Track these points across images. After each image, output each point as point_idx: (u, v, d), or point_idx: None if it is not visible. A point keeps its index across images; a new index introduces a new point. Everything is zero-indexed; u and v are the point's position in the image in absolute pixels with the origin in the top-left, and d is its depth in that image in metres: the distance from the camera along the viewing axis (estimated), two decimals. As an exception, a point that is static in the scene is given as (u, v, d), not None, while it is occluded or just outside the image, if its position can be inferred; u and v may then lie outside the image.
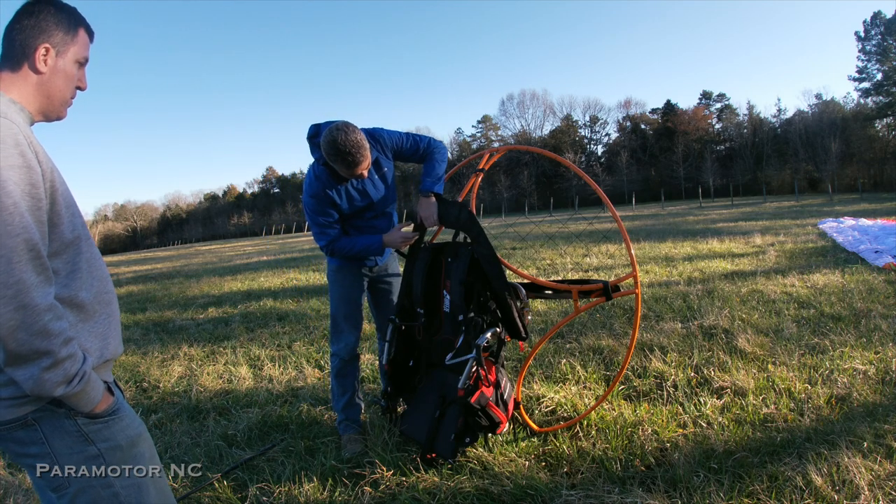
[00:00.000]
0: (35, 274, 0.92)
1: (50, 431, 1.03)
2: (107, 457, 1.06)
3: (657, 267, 6.93)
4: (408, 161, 2.43)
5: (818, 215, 15.01)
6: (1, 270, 0.88)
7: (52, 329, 0.93)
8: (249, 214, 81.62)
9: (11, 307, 0.88)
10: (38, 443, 1.02)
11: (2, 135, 0.94)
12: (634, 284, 2.18)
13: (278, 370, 3.69)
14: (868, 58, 48.23)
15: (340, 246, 2.34)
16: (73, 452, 1.04)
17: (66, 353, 0.96)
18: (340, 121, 2.11)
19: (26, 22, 1.08)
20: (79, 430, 1.04)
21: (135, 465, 1.10)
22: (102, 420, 1.07)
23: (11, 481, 2.37)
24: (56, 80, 1.12)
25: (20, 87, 1.09)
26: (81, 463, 1.04)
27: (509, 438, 2.35)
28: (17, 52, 1.07)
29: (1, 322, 0.88)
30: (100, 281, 1.12)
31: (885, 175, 44.50)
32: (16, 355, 0.91)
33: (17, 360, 0.92)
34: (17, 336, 0.90)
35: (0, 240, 0.89)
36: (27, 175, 0.95)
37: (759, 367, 2.99)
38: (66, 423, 1.04)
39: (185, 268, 15.90)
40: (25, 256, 0.91)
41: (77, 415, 1.04)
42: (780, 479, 1.88)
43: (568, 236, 12.65)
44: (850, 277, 5.22)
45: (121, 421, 1.10)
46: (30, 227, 0.93)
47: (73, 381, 0.98)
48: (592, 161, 63.04)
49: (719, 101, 61.31)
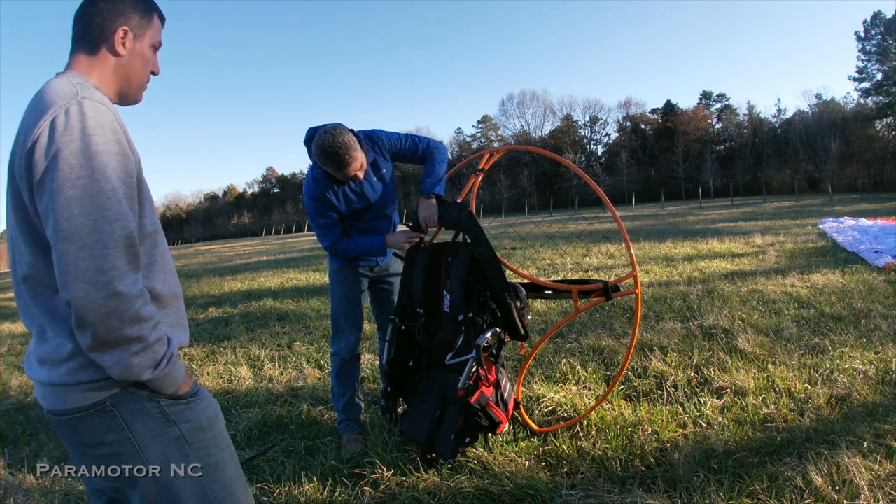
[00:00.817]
0: (127, 262, 0.91)
1: (130, 416, 1.00)
2: (188, 437, 1.05)
3: (657, 267, 6.93)
4: (407, 162, 2.43)
5: (818, 215, 15.00)
6: (96, 256, 0.87)
7: (143, 314, 0.92)
8: (249, 214, 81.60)
9: (104, 294, 0.87)
10: (117, 429, 0.99)
11: (100, 120, 0.93)
12: (634, 284, 2.18)
13: (278, 370, 3.69)
14: (868, 58, 48.23)
15: (343, 247, 2.34)
16: (155, 435, 1.01)
17: (155, 337, 0.95)
18: (331, 124, 2.12)
19: (102, 5, 1.06)
20: (161, 411, 1.02)
21: (214, 444, 1.09)
22: (185, 401, 1.05)
23: (11, 481, 2.37)
24: (135, 62, 1.11)
25: (100, 70, 1.07)
26: (163, 445, 1.02)
27: (509, 438, 2.35)
28: (94, 34, 1.06)
29: (92, 309, 0.87)
30: (171, 275, 1.11)
31: (885, 175, 44.50)
32: (104, 341, 0.90)
33: (104, 346, 0.90)
34: (109, 323, 0.88)
35: (97, 224, 0.88)
36: (123, 163, 0.94)
37: (759, 367, 2.99)
38: (147, 405, 1.01)
39: (185, 268, 15.90)
40: (121, 244, 0.90)
41: (160, 396, 1.02)
42: (780, 479, 1.88)
43: (568, 236, 12.65)
44: (850, 277, 5.22)
45: (202, 402, 1.09)
46: (127, 214, 0.92)
47: (160, 364, 0.97)
48: (592, 161, 63.03)
49: (719, 101, 61.31)
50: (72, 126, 0.89)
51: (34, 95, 0.99)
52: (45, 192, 0.88)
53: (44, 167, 0.88)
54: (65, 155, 0.87)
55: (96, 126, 0.91)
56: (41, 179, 0.89)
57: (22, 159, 0.91)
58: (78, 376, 0.96)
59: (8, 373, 4.46)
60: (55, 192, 0.87)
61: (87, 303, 0.86)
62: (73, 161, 0.88)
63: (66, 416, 0.99)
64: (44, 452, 2.70)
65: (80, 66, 1.06)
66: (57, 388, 0.98)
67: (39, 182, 0.89)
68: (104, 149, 0.91)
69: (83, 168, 0.88)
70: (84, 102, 0.92)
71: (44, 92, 0.96)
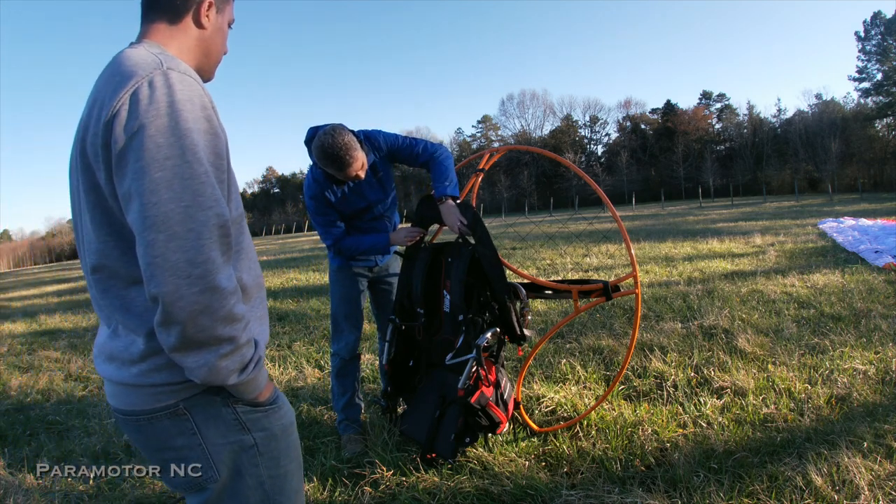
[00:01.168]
0: (221, 253, 0.82)
1: (202, 420, 0.92)
2: (261, 446, 0.96)
3: (657, 267, 6.93)
4: (404, 164, 2.41)
5: (818, 215, 15.00)
6: (189, 247, 0.77)
7: (236, 313, 0.83)
8: (249, 214, 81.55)
9: (197, 289, 0.77)
10: (188, 433, 0.91)
11: (188, 94, 0.82)
12: (634, 284, 2.18)
13: (278, 370, 3.69)
14: (868, 58, 48.24)
15: (346, 245, 2.34)
16: (226, 442, 0.93)
17: (245, 339, 0.86)
18: (331, 124, 2.11)
19: None
20: (236, 417, 0.94)
21: (285, 454, 1.01)
22: (263, 409, 0.97)
23: (11, 481, 2.37)
24: (216, 37, 1.03)
25: (180, 40, 0.97)
26: (234, 453, 0.94)
27: (509, 438, 2.35)
28: (177, 3, 0.95)
29: (183, 305, 0.77)
30: (255, 262, 1.02)
31: (885, 175, 44.50)
32: (191, 341, 0.80)
33: (190, 346, 0.81)
34: (199, 321, 0.79)
35: (190, 212, 0.78)
36: (213, 142, 0.85)
37: (759, 367, 2.99)
38: (222, 410, 0.93)
39: (185, 268, 15.89)
40: (216, 233, 0.81)
41: (237, 402, 0.93)
42: (780, 479, 1.88)
43: (568, 236, 12.65)
44: (850, 277, 5.22)
45: (279, 410, 1.00)
46: (220, 200, 0.82)
47: (247, 368, 0.88)
48: (592, 161, 63.05)
49: (719, 101, 61.32)
50: (157, 99, 0.79)
51: (108, 66, 0.89)
52: (128, 173, 0.78)
53: (124, 144, 0.78)
54: (150, 132, 0.77)
55: (185, 100, 0.81)
56: (122, 158, 0.78)
57: (97, 136, 0.81)
58: (150, 378, 0.89)
59: (8, 373, 4.46)
60: (140, 174, 0.77)
61: (176, 299, 0.77)
62: (161, 139, 0.78)
63: (134, 417, 0.92)
64: (44, 452, 2.70)
65: (159, 36, 0.95)
66: (126, 387, 0.91)
67: (119, 161, 0.79)
68: (194, 126, 0.81)
69: (172, 147, 0.78)
70: (170, 74, 0.82)
71: (120, 62, 0.86)
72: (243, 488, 0.95)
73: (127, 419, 0.93)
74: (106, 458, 2.57)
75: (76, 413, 3.26)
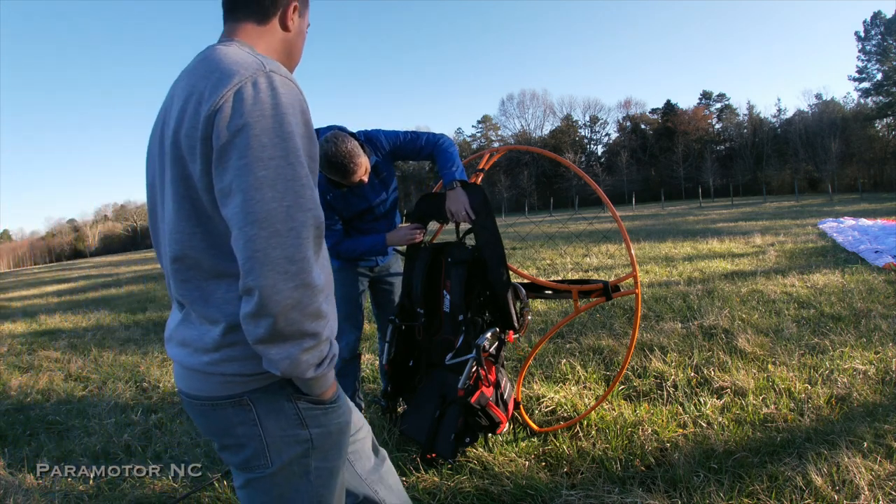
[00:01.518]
0: (315, 252, 0.86)
1: (265, 412, 0.95)
2: (316, 442, 0.99)
3: (657, 267, 6.93)
4: (409, 159, 2.40)
5: (818, 215, 15.00)
6: (289, 245, 0.81)
7: (323, 310, 0.87)
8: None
9: (293, 285, 0.81)
10: (249, 423, 0.95)
11: (290, 98, 0.85)
12: (634, 284, 2.18)
13: (278, 370, 3.68)
14: (868, 58, 48.25)
15: (345, 247, 2.34)
16: (284, 435, 0.97)
17: (326, 335, 0.90)
18: (332, 130, 2.09)
19: None
20: (297, 412, 0.97)
21: (336, 451, 1.04)
22: (323, 407, 1.00)
23: (11, 481, 2.37)
24: (298, 40, 1.07)
25: (267, 41, 1.01)
26: (289, 445, 0.97)
27: (509, 438, 2.35)
28: (266, 4, 0.99)
29: (278, 299, 0.81)
30: (328, 262, 1.04)
31: (885, 175, 44.51)
32: (279, 334, 0.83)
33: (277, 339, 0.84)
34: (290, 315, 0.82)
35: (291, 212, 0.82)
36: (309, 146, 0.88)
37: (759, 367, 2.99)
38: (285, 405, 0.96)
39: (185, 268, 15.89)
40: (312, 234, 0.85)
41: (300, 397, 0.97)
42: (780, 479, 1.88)
43: (568, 236, 12.65)
44: (850, 277, 5.22)
45: (338, 409, 1.04)
46: (318, 203, 0.87)
47: (322, 363, 0.91)
48: (592, 161, 63.07)
49: (719, 101, 61.36)
50: (262, 101, 0.82)
51: (201, 61, 0.91)
52: (229, 169, 0.81)
53: (227, 140, 0.81)
54: (255, 131, 0.81)
55: (287, 103, 0.84)
56: (224, 154, 0.81)
57: (195, 128, 0.83)
58: (221, 368, 0.92)
59: (8, 373, 4.46)
60: (244, 171, 0.80)
61: (273, 292, 0.80)
62: (265, 139, 0.81)
63: (199, 401, 0.96)
64: (44, 452, 2.70)
65: (247, 35, 0.99)
66: (196, 373, 0.94)
67: (221, 156, 0.81)
68: (296, 129, 0.84)
69: (276, 148, 0.81)
70: (273, 76, 0.85)
71: (218, 58, 0.89)
72: (291, 477, 0.99)
73: (192, 402, 0.98)
74: (106, 458, 2.57)
75: (76, 413, 3.26)
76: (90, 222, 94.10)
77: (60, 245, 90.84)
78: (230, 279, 0.90)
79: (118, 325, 6.36)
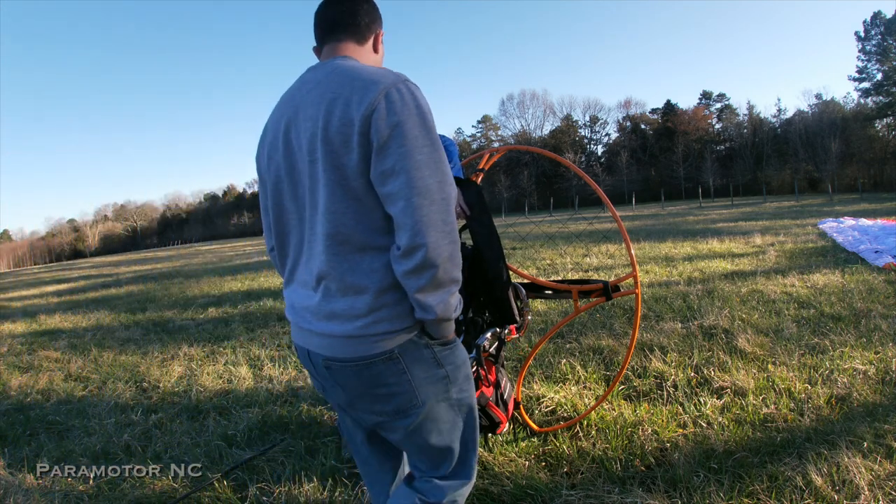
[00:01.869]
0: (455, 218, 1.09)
1: (410, 361, 1.13)
2: (451, 376, 1.19)
3: (657, 267, 6.93)
4: None
5: (818, 215, 15.00)
6: (443, 210, 1.03)
7: (460, 262, 1.08)
8: (249, 214, 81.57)
9: (448, 241, 1.03)
10: (399, 373, 1.12)
11: (425, 102, 1.08)
12: (634, 284, 2.18)
13: (278, 370, 3.69)
14: (868, 58, 48.24)
15: None
16: (427, 376, 1.15)
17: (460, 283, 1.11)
18: None
19: (367, 6, 1.23)
20: (433, 356, 1.16)
21: (467, 383, 1.24)
22: (450, 346, 1.20)
23: (11, 481, 2.37)
24: (381, 63, 1.27)
25: (364, 59, 1.22)
26: (433, 384, 1.16)
27: (509, 438, 2.35)
28: (362, 28, 1.22)
29: (439, 252, 1.02)
30: None
31: (885, 175, 44.50)
32: (439, 282, 1.05)
33: (436, 287, 1.05)
34: (447, 266, 1.04)
35: (441, 186, 1.03)
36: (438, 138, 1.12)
37: (759, 367, 2.99)
38: (424, 351, 1.15)
39: (185, 268, 15.90)
40: (452, 203, 1.06)
41: (432, 343, 1.16)
42: (780, 479, 1.88)
43: (568, 236, 12.65)
44: (850, 277, 5.22)
45: (460, 346, 1.24)
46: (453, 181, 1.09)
47: (457, 306, 1.13)
48: (592, 161, 63.06)
49: (719, 101, 61.35)
50: (407, 102, 1.03)
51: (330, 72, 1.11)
52: (391, 155, 1.01)
53: (388, 134, 1.01)
54: (408, 126, 1.02)
55: (423, 105, 1.06)
56: (386, 144, 1.01)
57: (347, 126, 1.03)
58: (373, 329, 1.09)
59: (8, 373, 4.46)
60: (406, 156, 1.01)
61: (437, 247, 1.01)
62: (416, 132, 1.03)
63: (353, 363, 1.11)
64: (44, 452, 2.70)
65: (352, 52, 1.21)
66: (349, 339, 1.10)
67: (383, 146, 1.01)
68: (432, 125, 1.07)
69: (424, 139, 1.03)
70: (409, 84, 1.07)
71: (350, 70, 1.09)
72: (439, 411, 1.19)
73: (345, 366, 1.12)
74: (106, 458, 2.57)
75: (76, 413, 3.26)
76: (90, 222, 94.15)
77: (60, 245, 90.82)
78: (374, 251, 1.09)
79: (118, 325, 6.36)
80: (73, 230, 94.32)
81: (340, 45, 1.21)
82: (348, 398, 1.19)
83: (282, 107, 1.18)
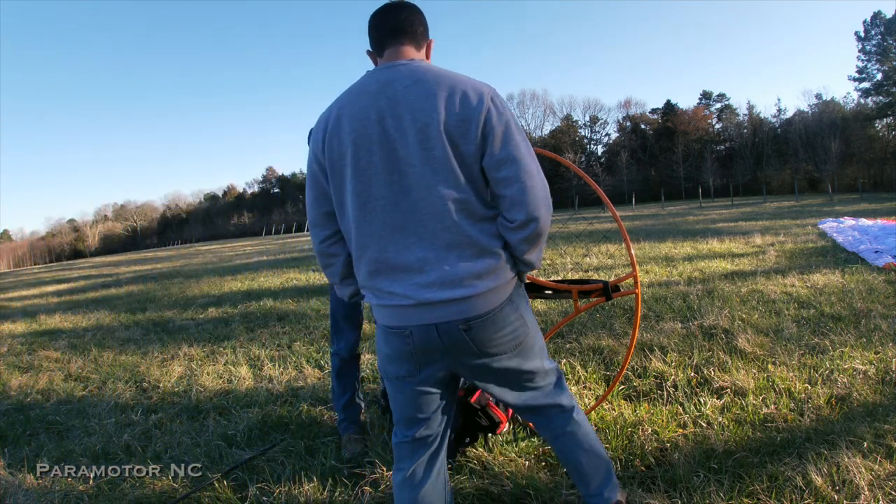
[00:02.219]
0: None
1: (519, 299, 1.41)
2: (528, 303, 1.47)
3: (657, 267, 6.93)
4: None
5: (818, 215, 15.00)
6: (544, 188, 1.30)
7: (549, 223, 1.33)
8: (249, 214, 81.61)
9: (549, 212, 1.31)
10: (516, 312, 1.38)
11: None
12: (634, 284, 2.18)
13: (278, 370, 3.69)
14: (868, 58, 48.22)
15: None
16: (525, 308, 1.43)
17: None
18: None
19: (420, 17, 1.40)
20: (522, 293, 1.45)
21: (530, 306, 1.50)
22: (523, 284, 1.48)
23: (11, 481, 2.37)
24: None
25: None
26: (526, 313, 1.43)
27: (509, 438, 2.34)
28: (419, 36, 1.40)
29: (546, 222, 1.30)
30: None
31: (885, 175, 44.49)
32: (542, 244, 1.35)
33: (539, 247, 1.35)
34: (547, 231, 1.33)
35: (539, 170, 1.30)
36: None
37: (759, 367, 2.99)
38: (520, 290, 1.44)
39: (185, 268, 15.89)
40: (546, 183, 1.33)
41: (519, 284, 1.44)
42: (780, 479, 1.88)
43: (568, 236, 12.65)
44: (850, 277, 5.22)
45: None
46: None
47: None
48: (592, 161, 63.04)
49: (719, 101, 61.31)
50: (507, 107, 1.31)
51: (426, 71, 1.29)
52: (507, 145, 1.26)
53: (503, 130, 1.26)
54: (512, 124, 1.28)
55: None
56: (500, 137, 1.25)
57: (469, 121, 1.24)
58: (495, 282, 1.32)
59: (8, 373, 4.46)
60: (517, 147, 1.27)
61: (545, 219, 1.30)
62: (517, 129, 1.29)
63: (489, 314, 1.32)
64: (44, 452, 2.70)
65: (414, 56, 1.38)
66: (476, 298, 1.29)
67: (498, 138, 1.25)
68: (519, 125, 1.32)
69: (521, 134, 1.30)
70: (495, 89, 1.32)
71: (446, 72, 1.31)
72: (532, 330, 1.45)
73: (484, 320, 1.31)
74: (106, 458, 2.57)
75: (76, 413, 3.26)
76: (90, 222, 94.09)
77: (60, 245, 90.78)
78: (489, 221, 1.32)
79: (118, 325, 6.36)
80: (73, 230, 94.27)
81: (403, 48, 1.36)
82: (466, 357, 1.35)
83: (364, 98, 1.29)
